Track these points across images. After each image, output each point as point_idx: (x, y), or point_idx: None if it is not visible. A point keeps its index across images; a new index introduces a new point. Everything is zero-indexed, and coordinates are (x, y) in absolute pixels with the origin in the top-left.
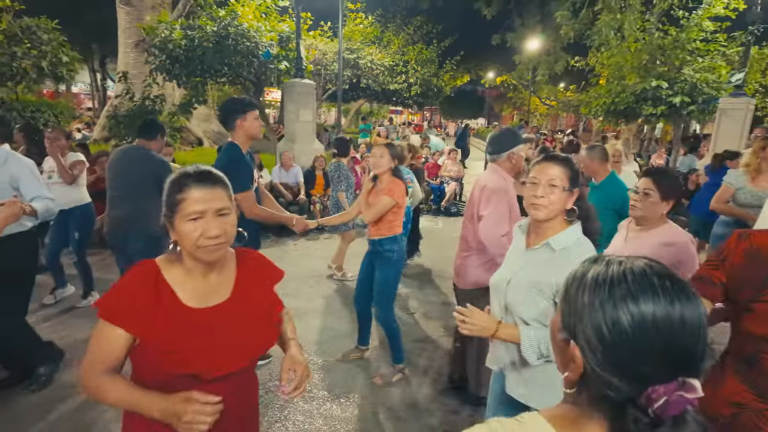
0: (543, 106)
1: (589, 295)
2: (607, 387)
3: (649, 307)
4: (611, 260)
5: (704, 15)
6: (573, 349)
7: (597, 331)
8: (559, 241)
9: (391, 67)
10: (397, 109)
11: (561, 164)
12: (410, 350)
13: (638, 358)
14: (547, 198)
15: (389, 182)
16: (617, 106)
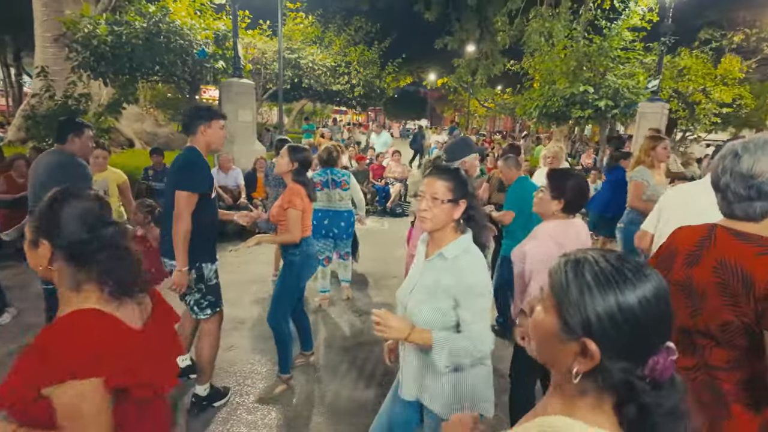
0: (482, 108)
1: (598, 291)
2: (619, 370)
3: (647, 289)
4: (590, 257)
5: (624, 25)
6: (587, 344)
7: (612, 321)
8: (450, 251)
9: (333, 68)
10: (341, 110)
11: (443, 178)
12: (358, 353)
13: (644, 337)
14: (430, 211)
15: (288, 191)
16: (549, 109)
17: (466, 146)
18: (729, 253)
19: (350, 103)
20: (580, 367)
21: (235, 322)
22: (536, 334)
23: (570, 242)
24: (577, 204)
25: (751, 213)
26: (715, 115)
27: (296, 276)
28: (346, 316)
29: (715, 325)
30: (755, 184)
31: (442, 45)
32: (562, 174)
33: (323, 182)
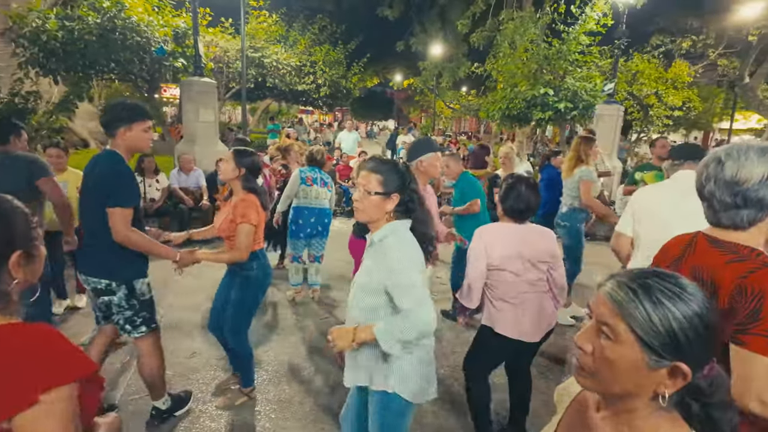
0: (447, 109)
1: (680, 312)
2: (695, 379)
3: (701, 295)
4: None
5: (581, 30)
6: (680, 367)
7: (696, 335)
8: (379, 234)
9: (298, 67)
10: (307, 109)
11: (375, 172)
12: (323, 357)
13: (714, 341)
14: (361, 202)
15: (240, 203)
16: (511, 111)
17: (426, 145)
18: (703, 261)
19: (316, 103)
20: (670, 390)
21: (198, 327)
22: (612, 370)
23: (504, 245)
24: (514, 209)
25: (737, 221)
26: (667, 118)
27: (254, 292)
28: (311, 317)
29: None
30: (741, 191)
31: (403, 47)
32: (505, 180)
33: (314, 179)
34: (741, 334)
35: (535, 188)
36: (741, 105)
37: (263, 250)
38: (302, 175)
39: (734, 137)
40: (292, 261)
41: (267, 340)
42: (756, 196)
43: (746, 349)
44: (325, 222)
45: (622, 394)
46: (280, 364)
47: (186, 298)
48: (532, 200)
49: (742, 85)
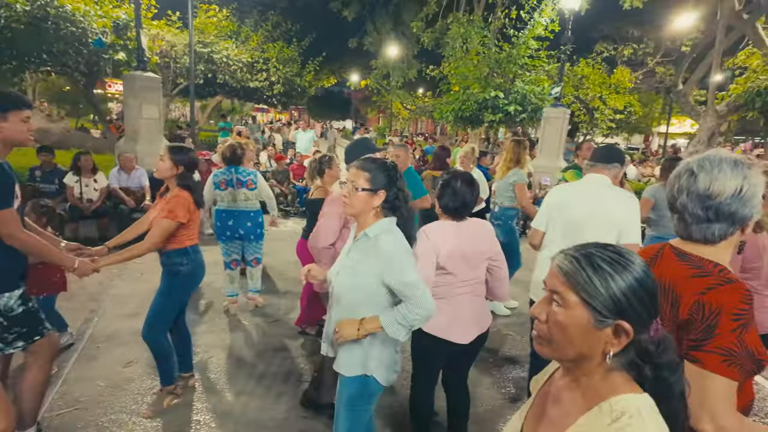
0: (405, 110)
1: (618, 275)
2: (640, 340)
3: (641, 262)
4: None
5: (529, 35)
6: (622, 325)
7: (636, 296)
8: (373, 230)
9: (251, 64)
10: (262, 108)
11: (362, 169)
12: (268, 363)
13: (654, 303)
14: (349, 198)
15: (172, 198)
16: (464, 113)
17: (364, 147)
18: (667, 272)
19: (270, 101)
20: (615, 347)
21: (136, 335)
22: (564, 333)
23: (448, 243)
24: (450, 206)
25: (708, 236)
26: (611, 121)
27: (181, 288)
28: (260, 321)
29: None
30: (713, 205)
31: (355, 44)
32: (441, 176)
33: (227, 181)
34: (695, 351)
35: (471, 184)
36: (677, 110)
37: (196, 247)
38: (215, 179)
39: (670, 140)
40: (225, 268)
41: (210, 347)
42: (728, 210)
43: (700, 367)
44: (248, 225)
45: (576, 357)
46: (222, 372)
47: (123, 305)
48: (468, 197)
49: (677, 91)
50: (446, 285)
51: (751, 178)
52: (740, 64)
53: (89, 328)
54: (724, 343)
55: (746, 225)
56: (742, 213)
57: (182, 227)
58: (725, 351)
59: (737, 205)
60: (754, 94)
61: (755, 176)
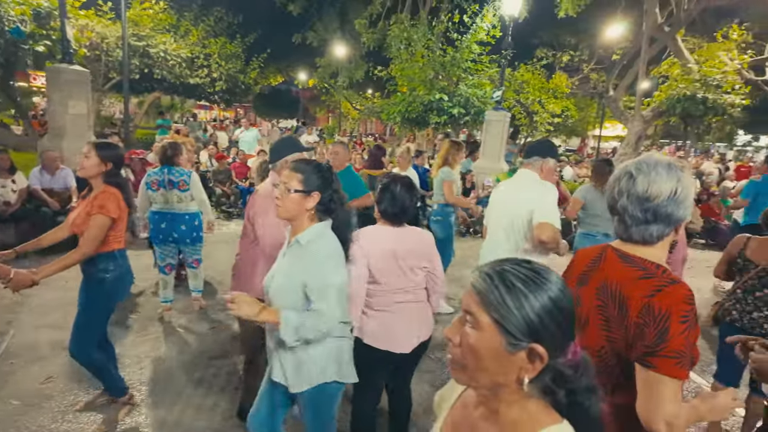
0: (354, 110)
1: (533, 295)
2: (556, 363)
3: (559, 281)
4: (508, 267)
5: (472, 39)
6: (536, 348)
7: (551, 317)
8: (305, 236)
9: (191, 60)
10: (205, 105)
11: (295, 170)
12: (209, 369)
13: (570, 325)
14: (282, 200)
15: (100, 194)
16: (410, 114)
17: (290, 146)
18: (612, 275)
19: (212, 98)
20: (530, 373)
21: (58, 348)
22: (476, 357)
23: (382, 249)
24: (389, 212)
25: (647, 237)
26: (549, 124)
27: (107, 297)
28: (197, 327)
29: (592, 350)
30: (651, 207)
31: (300, 39)
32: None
33: (159, 181)
34: (651, 357)
35: (411, 189)
36: (609, 114)
37: (123, 251)
38: (147, 179)
39: (603, 143)
40: (159, 272)
41: (141, 358)
42: (665, 212)
43: (655, 372)
44: (182, 228)
45: (490, 384)
46: (154, 384)
47: (44, 315)
48: (408, 202)
49: (608, 97)
50: (384, 294)
51: (683, 181)
52: (663, 72)
53: (4, 341)
54: (675, 345)
55: (680, 225)
56: (677, 214)
57: (110, 228)
58: (677, 353)
59: (673, 207)
60: (675, 101)
61: (687, 178)
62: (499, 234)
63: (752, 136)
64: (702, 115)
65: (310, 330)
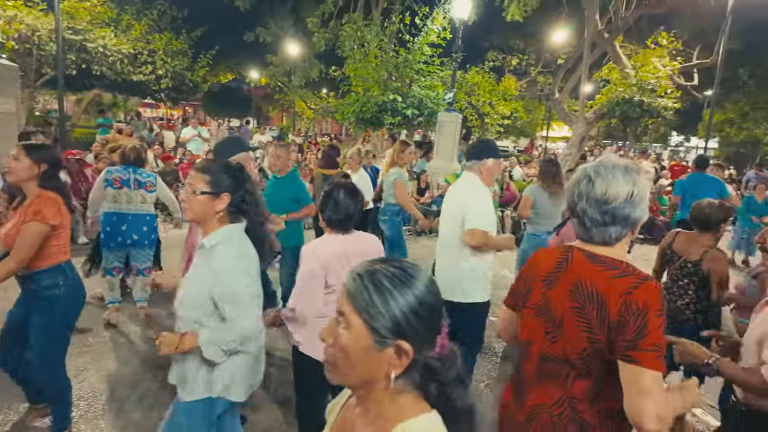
0: (309, 110)
1: (399, 292)
2: (424, 358)
3: (426, 278)
4: (378, 267)
5: (423, 41)
6: (401, 345)
7: (416, 314)
8: (211, 240)
9: (134, 56)
10: (151, 103)
11: (201, 171)
12: (153, 380)
13: (436, 320)
14: (188, 202)
15: (35, 200)
16: (364, 115)
17: (235, 145)
18: (584, 276)
19: (157, 95)
20: (397, 369)
21: None
22: (347, 357)
23: (334, 258)
24: (333, 219)
25: (606, 238)
26: (499, 125)
27: (63, 316)
28: (142, 337)
29: (573, 352)
30: (609, 209)
31: (252, 38)
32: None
33: (123, 180)
34: (632, 351)
35: (354, 195)
36: (556, 116)
37: (70, 263)
38: (108, 176)
39: (551, 144)
40: (105, 274)
41: (82, 369)
42: (623, 214)
43: (638, 366)
44: (144, 230)
45: (361, 383)
46: (98, 395)
47: None
48: (352, 208)
49: (554, 99)
50: (332, 303)
51: (639, 183)
52: (604, 77)
53: None
54: (654, 339)
55: (637, 225)
56: (634, 215)
57: (52, 237)
58: (656, 346)
59: (630, 209)
60: (615, 104)
61: (643, 181)
62: (447, 234)
63: (684, 137)
64: (639, 117)
65: (230, 342)
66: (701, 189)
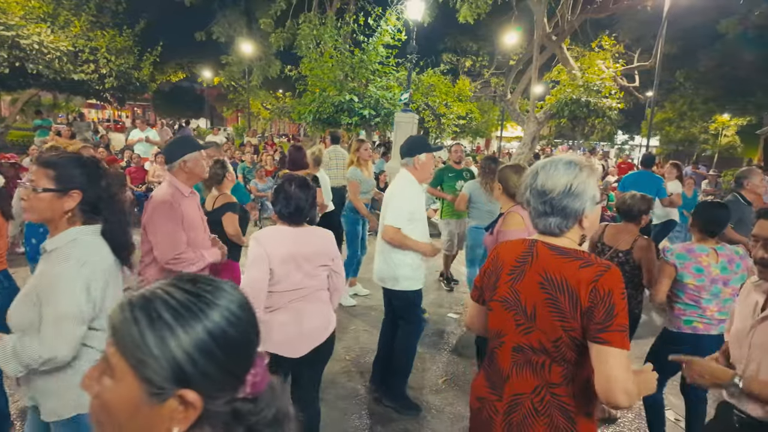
0: (265, 110)
1: (182, 327)
2: (223, 404)
3: (230, 301)
4: (159, 291)
5: (378, 42)
6: (185, 395)
7: (205, 354)
8: (53, 242)
9: (74, 53)
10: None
11: (45, 166)
12: None
13: (242, 356)
14: (28, 201)
15: None
16: (322, 115)
17: (185, 145)
18: (551, 268)
19: (102, 95)
20: (182, 424)
21: None
22: (111, 416)
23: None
24: (284, 212)
25: (548, 228)
26: (455, 126)
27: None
28: None
29: (548, 341)
30: (548, 200)
31: (203, 37)
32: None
33: None
34: (603, 333)
35: (305, 188)
36: (509, 117)
37: (7, 272)
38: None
39: (506, 143)
40: None
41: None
42: (560, 205)
43: (609, 346)
44: None
45: None
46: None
47: None
48: (303, 201)
49: (506, 100)
50: (280, 294)
51: (580, 177)
52: (554, 78)
53: None
54: (621, 320)
55: (581, 218)
56: (572, 206)
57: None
58: (623, 326)
59: (568, 200)
60: (563, 104)
61: (586, 175)
62: (381, 227)
63: (629, 136)
64: (586, 117)
65: (30, 355)
66: (641, 187)
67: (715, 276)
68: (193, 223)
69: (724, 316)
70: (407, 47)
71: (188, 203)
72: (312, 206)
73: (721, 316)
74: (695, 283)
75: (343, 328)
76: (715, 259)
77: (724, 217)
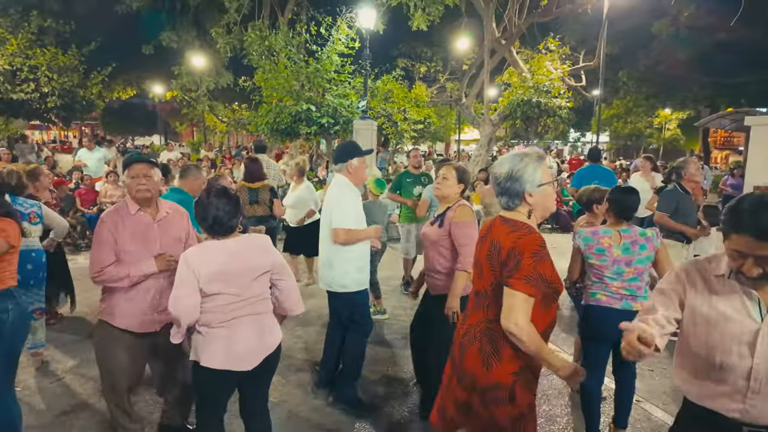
0: (221, 123)
1: None
2: None
3: None
4: None
5: (332, 51)
6: None
7: None
8: None
9: (11, 72)
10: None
11: None
12: (61, 427)
13: None
14: None
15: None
16: (279, 125)
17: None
18: (496, 234)
19: (45, 116)
20: None
21: None
22: None
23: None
24: (205, 226)
25: (504, 204)
26: (414, 131)
27: (11, 341)
28: (41, 382)
29: (489, 287)
30: (498, 182)
31: (151, 50)
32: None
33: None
34: (509, 278)
35: (225, 197)
36: (465, 120)
37: (18, 290)
38: None
39: (464, 146)
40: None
41: None
42: (505, 186)
43: (512, 289)
44: (28, 268)
45: None
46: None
47: None
48: (221, 212)
49: (461, 104)
50: (220, 309)
51: (519, 165)
52: (505, 81)
53: None
54: (525, 272)
55: (524, 195)
56: (513, 187)
57: (5, 261)
58: (525, 276)
59: (509, 183)
60: (515, 105)
61: (524, 164)
62: (322, 231)
63: (580, 133)
64: (538, 117)
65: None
66: (593, 180)
67: (617, 257)
68: (135, 238)
69: (629, 293)
70: (362, 55)
71: (133, 220)
72: (233, 216)
73: (626, 293)
74: (598, 262)
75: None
76: (618, 241)
77: (635, 202)
